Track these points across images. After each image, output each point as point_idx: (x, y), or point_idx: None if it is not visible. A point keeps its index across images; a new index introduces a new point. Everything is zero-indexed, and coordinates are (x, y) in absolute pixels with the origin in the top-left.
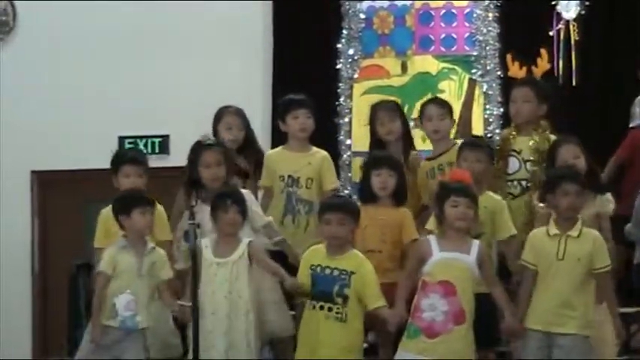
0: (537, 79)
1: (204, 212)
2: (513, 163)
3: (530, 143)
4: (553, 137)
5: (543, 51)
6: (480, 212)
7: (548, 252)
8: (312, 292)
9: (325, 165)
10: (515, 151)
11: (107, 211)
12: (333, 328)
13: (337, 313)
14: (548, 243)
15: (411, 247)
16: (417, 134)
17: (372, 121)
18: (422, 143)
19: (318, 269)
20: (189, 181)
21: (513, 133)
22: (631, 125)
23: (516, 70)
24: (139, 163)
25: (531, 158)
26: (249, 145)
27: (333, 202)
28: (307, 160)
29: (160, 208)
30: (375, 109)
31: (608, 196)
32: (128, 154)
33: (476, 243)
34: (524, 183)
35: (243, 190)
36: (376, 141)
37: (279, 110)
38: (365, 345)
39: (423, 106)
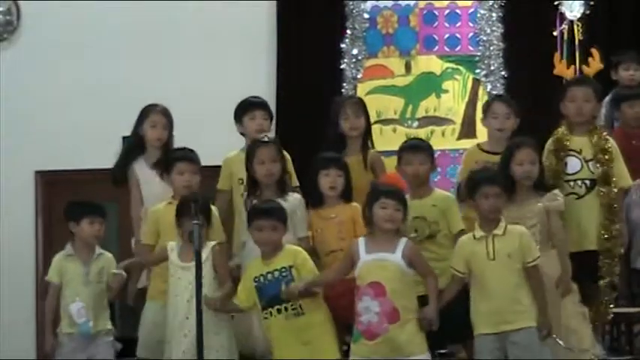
0: (592, 78)
1: None
2: (574, 163)
3: (594, 142)
4: (610, 138)
5: (594, 50)
6: (429, 212)
7: (478, 255)
8: (263, 303)
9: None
10: (573, 150)
11: (155, 211)
12: (295, 324)
13: (293, 309)
14: (475, 246)
15: None
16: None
17: (336, 116)
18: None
19: (261, 279)
20: (249, 178)
21: (566, 132)
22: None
23: (562, 69)
24: (192, 161)
25: (594, 157)
26: (168, 146)
27: (264, 208)
28: None
29: (213, 210)
30: (340, 103)
31: (556, 191)
32: (181, 151)
33: (402, 241)
34: (588, 182)
35: (297, 196)
36: (336, 136)
37: (236, 111)
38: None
39: (490, 102)
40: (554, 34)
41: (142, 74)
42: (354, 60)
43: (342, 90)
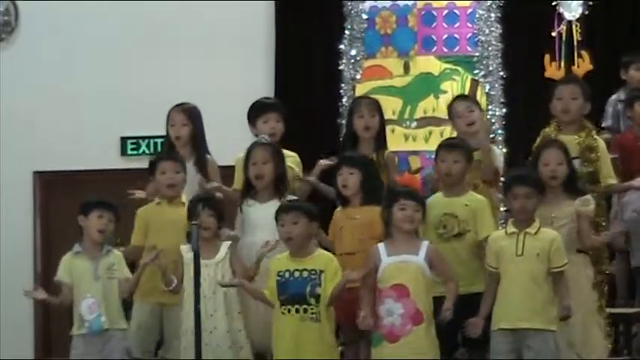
0: (579, 77)
1: (251, 209)
2: None
3: (579, 141)
4: (598, 137)
5: (584, 52)
6: (461, 211)
7: (507, 250)
8: (283, 298)
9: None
10: None
11: (145, 211)
12: (310, 329)
13: (312, 313)
14: (506, 241)
15: None
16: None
17: (351, 114)
18: (404, 142)
19: (287, 274)
20: (245, 179)
21: (554, 131)
22: (603, 125)
23: (554, 71)
24: (173, 160)
25: (580, 156)
26: (194, 142)
27: (285, 204)
28: None
29: None
30: (356, 102)
31: (588, 196)
32: (163, 152)
33: (425, 243)
34: None
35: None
36: (350, 135)
37: (250, 114)
38: (340, 348)
39: (451, 105)
40: (553, 34)
41: (140, 75)
42: (352, 61)
43: (341, 91)
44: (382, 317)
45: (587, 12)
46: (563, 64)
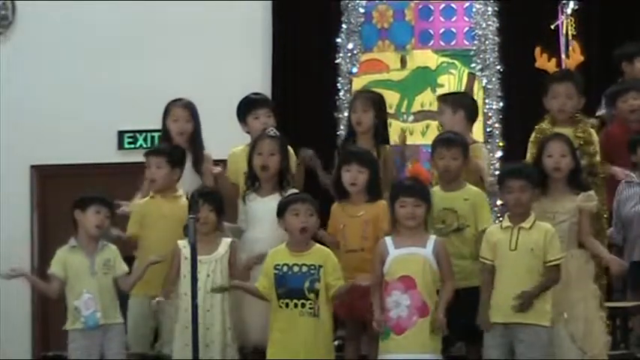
0: (573, 72)
1: (252, 203)
2: None
3: (577, 133)
4: (592, 130)
5: (575, 43)
6: (460, 205)
7: (501, 244)
8: (281, 292)
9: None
10: None
11: (140, 204)
12: (308, 323)
13: (310, 308)
14: (501, 236)
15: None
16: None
17: (349, 109)
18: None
19: (285, 268)
20: (249, 171)
21: (549, 125)
22: (597, 114)
23: (544, 62)
24: (158, 154)
25: (578, 149)
26: (194, 139)
27: (297, 195)
28: None
29: None
30: (353, 96)
31: (591, 192)
32: (152, 146)
33: (432, 237)
34: None
35: (295, 192)
36: (349, 129)
37: (239, 111)
38: (336, 342)
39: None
40: (552, 27)
41: (137, 69)
42: (349, 54)
43: (338, 84)
44: (389, 309)
45: (576, 7)
46: (563, 55)
